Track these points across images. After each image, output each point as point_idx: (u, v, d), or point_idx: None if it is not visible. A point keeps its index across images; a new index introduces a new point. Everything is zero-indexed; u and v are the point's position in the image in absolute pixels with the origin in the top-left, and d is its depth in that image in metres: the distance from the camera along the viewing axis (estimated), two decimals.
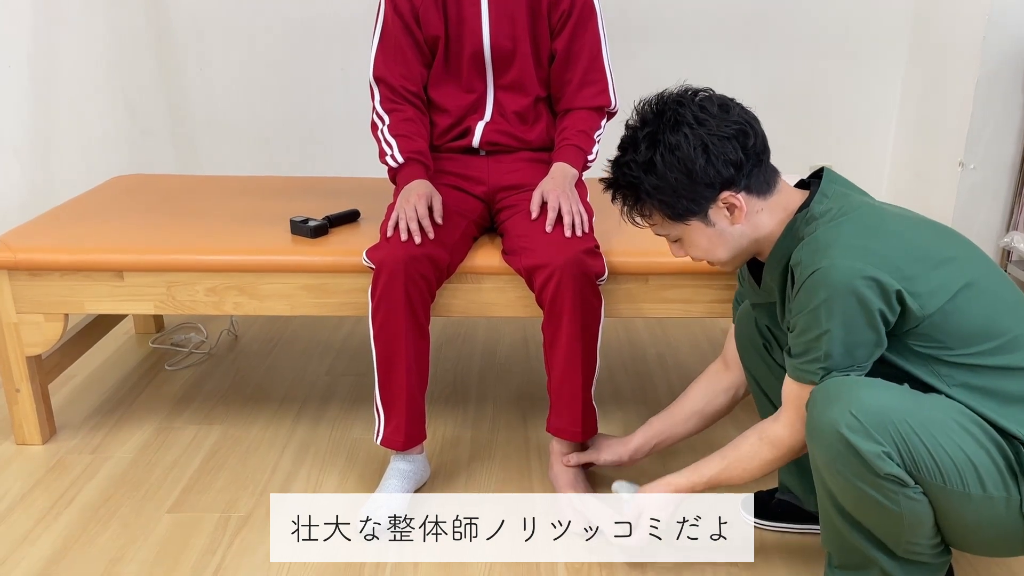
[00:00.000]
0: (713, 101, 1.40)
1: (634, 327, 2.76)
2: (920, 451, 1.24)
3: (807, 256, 1.33)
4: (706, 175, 1.37)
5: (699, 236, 1.44)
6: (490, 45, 1.91)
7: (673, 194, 1.39)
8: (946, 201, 2.90)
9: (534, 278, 1.77)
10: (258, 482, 1.92)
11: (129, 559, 1.67)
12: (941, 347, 1.31)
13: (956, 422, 1.26)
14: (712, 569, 1.64)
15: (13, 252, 1.91)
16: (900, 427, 1.24)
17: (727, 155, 1.37)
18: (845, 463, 1.26)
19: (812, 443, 1.31)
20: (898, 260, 1.29)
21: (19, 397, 2.02)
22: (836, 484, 1.31)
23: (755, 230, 1.43)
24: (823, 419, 1.27)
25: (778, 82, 3.16)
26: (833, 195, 1.39)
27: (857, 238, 1.31)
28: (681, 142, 1.36)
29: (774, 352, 1.64)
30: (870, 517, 1.31)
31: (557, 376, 1.82)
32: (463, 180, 1.96)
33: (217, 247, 1.94)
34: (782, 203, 1.43)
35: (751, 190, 1.40)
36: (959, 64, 2.84)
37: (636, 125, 1.43)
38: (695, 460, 1.56)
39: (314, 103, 3.14)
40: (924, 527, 1.30)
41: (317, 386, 2.38)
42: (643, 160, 1.39)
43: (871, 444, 1.23)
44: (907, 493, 1.26)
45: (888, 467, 1.23)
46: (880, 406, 1.25)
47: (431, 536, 1.73)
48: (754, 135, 1.39)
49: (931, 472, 1.24)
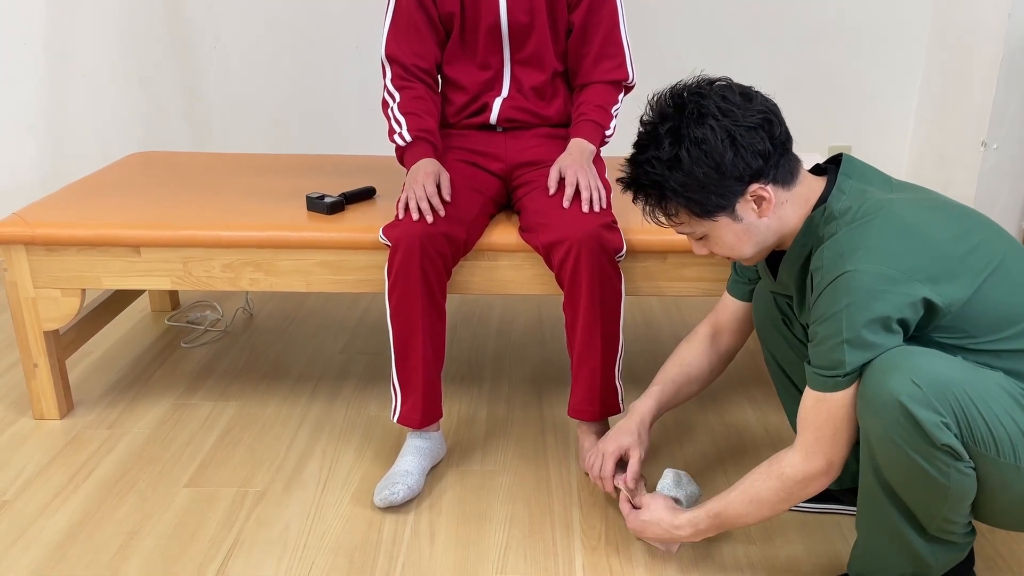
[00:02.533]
0: (734, 90, 1.35)
1: (649, 307, 2.75)
2: (977, 422, 1.22)
3: (828, 261, 1.30)
4: (735, 168, 1.32)
5: (726, 232, 1.39)
6: (507, 19, 1.89)
7: (702, 190, 1.33)
8: (968, 182, 2.86)
9: (552, 254, 1.76)
10: (274, 458, 1.93)
11: (147, 532, 1.68)
12: (965, 336, 1.29)
13: (1007, 392, 1.25)
14: (729, 547, 1.64)
15: (31, 227, 1.92)
16: (960, 397, 1.22)
17: (755, 146, 1.32)
18: (902, 433, 1.24)
19: (867, 414, 1.28)
20: (922, 262, 1.26)
21: (37, 372, 2.03)
22: (887, 456, 1.28)
23: (780, 223, 1.39)
24: (882, 388, 1.24)
25: (798, 63, 3.12)
26: (850, 191, 1.36)
27: (879, 242, 1.27)
28: (707, 135, 1.30)
29: (793, 327, 1.62)
30: (916, 490, 1.29)
31: (577, 354, 1.81)
32: (480, 157, 1.95)
33: (233, 223, 1.93)
34: (803, 194, 1.39)
35: (778, 181, 1.36)
36: (982, 43, 2.79)
37: (655, 120, 1.37)
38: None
39: (328, 80, 3.12)
40: (965, 503, 1.29)
41: (332, 364, 2.38)
42: (667, 156, 1.33)
43: (931, 413, 1.21)
44: (959, 467, 1.24)
45: (946, 437, 1.22)
46: (940, 375, 1.23)
47: (446, 512, 1.73)
48: (779, 123, 1.35)
49: (986, 443, 1.23)
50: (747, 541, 1.66)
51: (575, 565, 1.60)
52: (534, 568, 1.59)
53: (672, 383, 1.71)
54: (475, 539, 1.67)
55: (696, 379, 1.72)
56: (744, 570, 1.58)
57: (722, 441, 2.00)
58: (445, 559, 1.61)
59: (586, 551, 1.63)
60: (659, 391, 1.70)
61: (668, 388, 1.70)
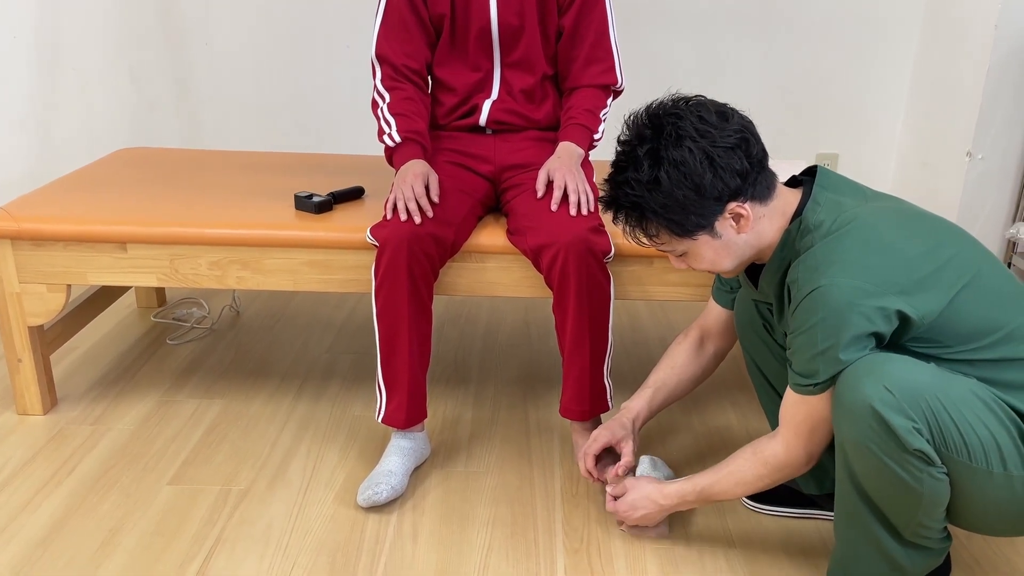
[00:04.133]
0: (710, 109, 1.36)
1: (636, 311, 2.76)
2: (949, 428, 1.24)
3: (804, 275, 1.32)
4: (714, 189, 1.33)
5: (705, 249, 1.41)
6: (497, 22, 1.89)
7: (681, 211, 1.35)
8: (953, 191, 2.89)
9: (540, 258, 1.77)
10: (258, 456, 1.93)
11: (129, 529, 1.68)
12: (939, 347, 1.31)
13: (979, 399, 1.27)
14: (710, 550, 1.65)
15: (17, 221, 1.91)
16: (931, 403, 1.24)
17: (733, 166, 1.33)
18: (875, 438, 1.26)
19: (841, 420, 1.30)
20: (896, 275, 1.28)
21: (21, 367, 2.02)
22: (861, 461, 1.30)
23: (758, 238, 1.41)
24: (855, 394, 1.26)
25: (788, 69, 3.14)
26: (825, 203, 1.37)
27: (853, 256, 1.29)
28: (686, 157, 1.32)
29: (774, 333, 1.64)
30: (889, 496, 1.31)
31: (566, 355, 1.82)
32: (469, 159, 1.95)
33: (221, 221, 1.93)
34: (780, 208, 1.40)
35: (755, 197, 1.37)
36: (969, 53, 2.82)
37: (633, 141, 1.37)
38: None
39: (319, 79, 3.12)
40: (939, 509, 1.31)
41: (318, 363, 2.38)
42: (647, 179, 1.34)
43: (903, 419, 1.23)
44: (931, 472, 1.26)
45: (917, 442, 1.24)
46: (913, 382, 1.25)
47: (429, 512, 1.73)
48: (755, 141, 1.37)
49: (958, 449, 1.25)
50: (728, 545, 1.67)
51: (557, 566, 1.60)
52: (516, 569, 1.59)
53: (664, 385, 1.76)
54: (458, 540, 1.67)
55: (687, 380, 1.77)
56: (724, 574, 1.59)
57: (704, 444, 2.01)
58: (427, 559, 1.62)
59: (568, 553, 1.64)
60: (651, 394, 1.75)
61: (660, 391, 1.76)
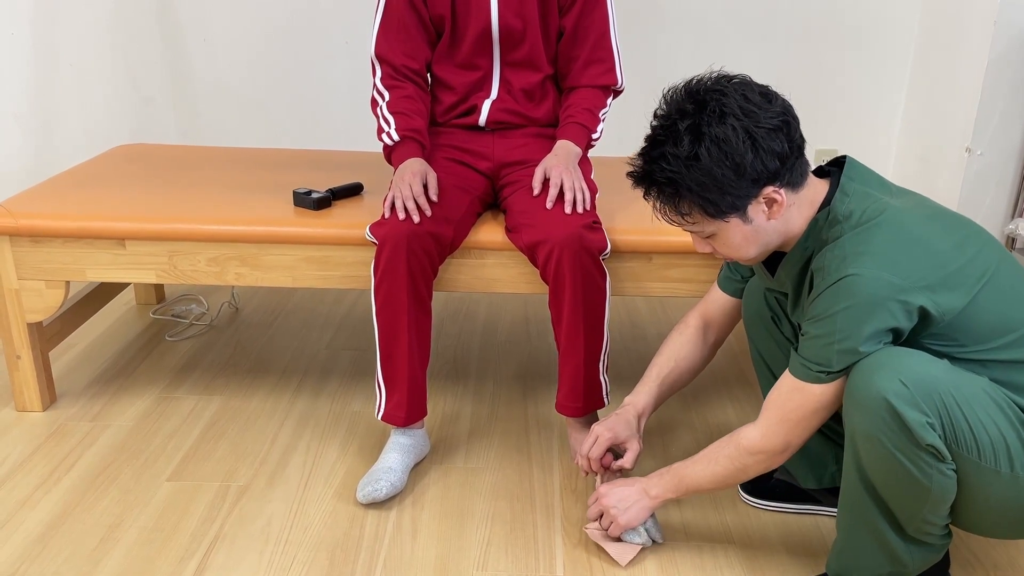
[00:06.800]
0: (754, 89, 1.31)
1: (635, 306, 2.76)
2: (961, 425, 1.24)
3: (832, 263, 1.30)
4: (754, 170, 1.29)
5: (735, 233, 1.36)
6: (498, 24, 1.89)
7: (718, 190, 1.30)
8: (952, 187, 2.89)
9: (536, 255, 1.77)
10: (257, 453, 1.93)
11: (128, 525, 1.68)
12: (955, 345, 1.30)
13: (991, 398, 1.27)
14: (709, 546, 1.65)
15: (15, 218, 1.91)
16: (945, 399, 1.23)
17: (774, 148, 1.29)
18: (887, 431, 1.25)
19: (853, 411, 1.29)
20: (924, 271, 1.27)
21: (20, 364, 2.02)
22: (871, 454, 1.29)
23: (786, 225, 1.37)
24: (869, 386, 1.25)
25: (787, 65, 3.14)
26: (854, 194, 1.35)
27: (884, 248, 1.28)
28: (728, 134, 1.27)
29: (782, 325, 1.64)
30: (897, 490, 1.31)
31: (561, 351, 1.82)
32: (468, 155, 1.95)
33: (220, 217, 1.93)
34: (809, 197, 1.37)
35: (790, 184, 1.34)
36: (968, 49, 2.81)
37: (673, 115, 1.32)
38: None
39: (318, 75, 3.12)
40: (945, 506, 1.31)
41: (317, 359, 2.38)
42: (686, 154, 1.29)
43: (917, 413, 1.23)
44: (941, 468, 1.26)
45: (931, 437, 1.23)
46: (928, 377, 1.24)
47: (429, 508, 1.74)
48: (796, 125, 1.33)
49: (968, 447, 1.25)
50: (727, 541, 1.67)
51: (556, 562, 1.60)
52: (515, 564, 1.60)
53: (667, 378, 1.73)
54: (457, 535, 1.67)
55: (688, 371, 1.74)
56: (723, 570, 1.59)
57: (704, 440, 2.01)
58: (427, 555, 1.62)
59: (567, 548, 1.64)
60: (655, 388, 1.72)
61: (663, 383, 1.73)
